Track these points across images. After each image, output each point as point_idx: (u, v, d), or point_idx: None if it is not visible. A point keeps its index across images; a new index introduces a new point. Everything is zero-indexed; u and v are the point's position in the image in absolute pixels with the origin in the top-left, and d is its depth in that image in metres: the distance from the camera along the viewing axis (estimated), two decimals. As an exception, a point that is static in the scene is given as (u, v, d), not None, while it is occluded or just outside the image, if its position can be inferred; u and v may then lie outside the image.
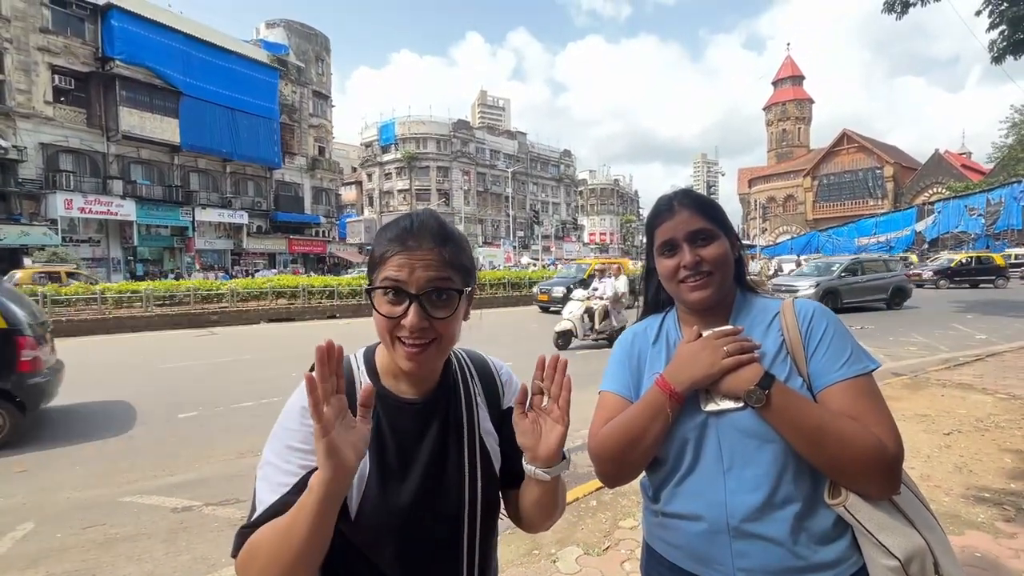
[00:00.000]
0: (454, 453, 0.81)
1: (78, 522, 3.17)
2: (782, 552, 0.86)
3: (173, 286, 15.08)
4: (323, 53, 40.73)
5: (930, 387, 5.59)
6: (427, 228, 0.76)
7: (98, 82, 26.57)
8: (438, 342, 0.76)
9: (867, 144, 56.03)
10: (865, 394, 0.86)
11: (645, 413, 0.92)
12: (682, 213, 0.98)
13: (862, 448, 0.80)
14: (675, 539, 0.96)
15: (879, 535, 0.82)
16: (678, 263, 0.96)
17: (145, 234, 28.43)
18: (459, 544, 0.80)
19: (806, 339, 0.91)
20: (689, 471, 0.94)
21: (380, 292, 0.75)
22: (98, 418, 5.35)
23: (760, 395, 0.84)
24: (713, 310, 0.99)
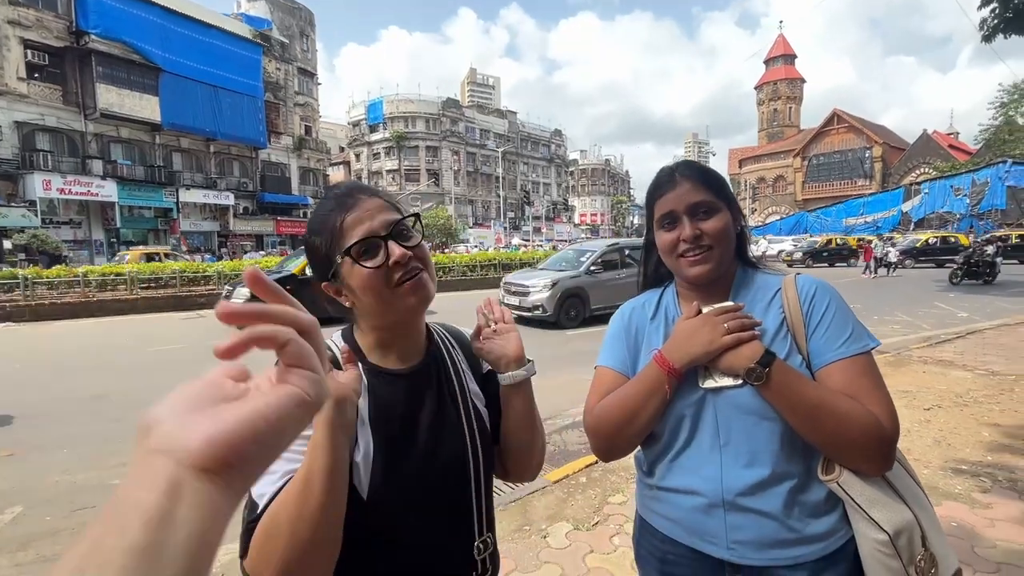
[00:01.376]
0: (452, 416, 0.84)
1: (68, 505, 3.16)
2: (775, 525, 0.87)
3: (158, 268, 14.83)
4: (308, 28, 39.59)
5: (912, 364, 5.71)
6: (355, 186, 0.82)
7: (73, 58, 25.62)
8: (425, 267, 0.80)
9: (857, 124, 56.07)
10: (864, 373, 0.86)
11: (643, 389, 0.93)
12: (683, 185, 0.96)
13: (859, 427, 0.81)
14: (669, 512, 0.97)
15: (870, 510, 0.83)
16: (678, 236, 0.95)
17: (128, 216, 27.83)
18: (470, 503, 0.83)
19: (807, 317, 0.91)
20: (685, 446, 0.94)
21: (357, 252, 0.76)
22: (85, 402, 5.30)
23: (760, 373, 0.84)
24: (713, 285, 0.97)
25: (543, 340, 8.14)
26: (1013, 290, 13.45)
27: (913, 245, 24.38)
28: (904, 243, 25.11)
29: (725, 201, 0.96)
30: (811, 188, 58.43)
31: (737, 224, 0.98)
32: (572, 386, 5.04)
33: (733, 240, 0.97)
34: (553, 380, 5.69)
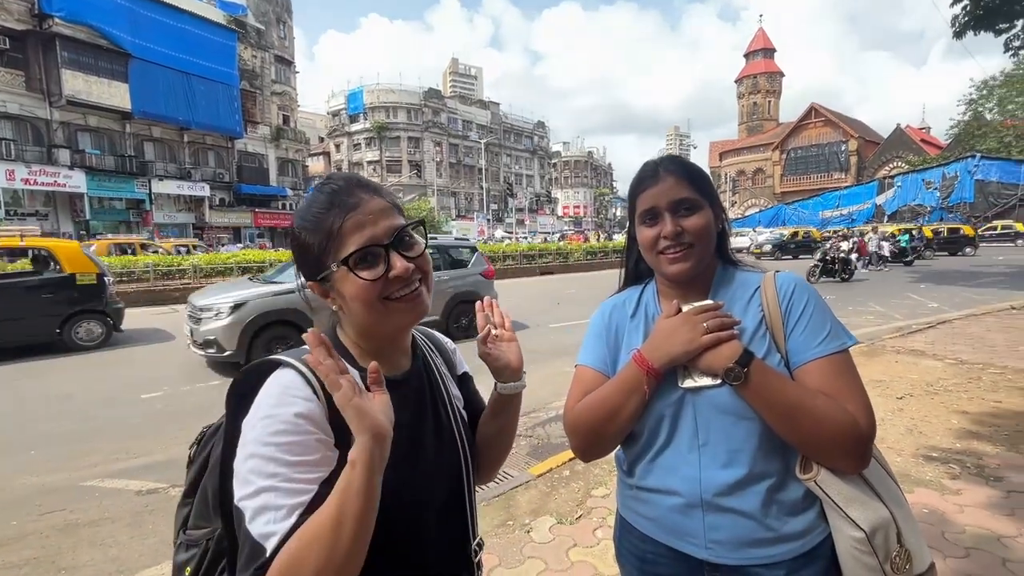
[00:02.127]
0: (445, 421, 0.83)
1: (36, 508, 3.05)
2: (753, 524, 0.88)
3: (130, 261, 14.40)
4: (284, 15, 38.57)
5: (885, 354, 5.87)
6: (355, 182, 0.74)
7: (36, 42, 24.52)
8: (425, 280, 0.76)
9: (833, 118, 57.15)
10: (841, 372, 0.86)
11: (622, 389, 0.92)
12: (667, 180, 0.94)
13: (836, 426, 0.81)
14: (649, 512, 0.97)
15: (847, 508, 0.84)
16: (658, 233, 0.93)
17: (98, 207, 26.91)
18: (464, 507, 0.83)
19: (786, 315, 0.90)
20: (664, 446, 0.94)
21: (354, 262, 0.70)
22: (53, 401, 5.13)
23: (739, 373, 0.84)
24: (692, 283, 0.97)
25: (527, 332, 8.14)
26: (979, 281, 13.92)
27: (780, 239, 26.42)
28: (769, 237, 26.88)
29: (708, 198, 0.95)
30: (789, 181, 59.48)
31: (719, 222, 0.97)
32: (554, 379, 5.05)
33: (714, 238, 0.96)
34: (535, 373, 5.69)
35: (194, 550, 0.75)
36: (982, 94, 40.13)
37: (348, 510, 0.58)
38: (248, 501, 0.61)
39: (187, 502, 0.79)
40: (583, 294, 13.36)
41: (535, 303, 11.97)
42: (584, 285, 15.41)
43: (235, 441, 0.65)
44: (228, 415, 0.69)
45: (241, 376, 0.69)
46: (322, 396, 0.66)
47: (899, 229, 22.59)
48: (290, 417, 0.64)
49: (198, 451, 0.82)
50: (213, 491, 0.72)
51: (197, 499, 0.77)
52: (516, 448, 3.71)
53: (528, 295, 13.69)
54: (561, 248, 24.73)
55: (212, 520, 0.73)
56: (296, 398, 0.65)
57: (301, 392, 0.66)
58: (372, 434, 0.59)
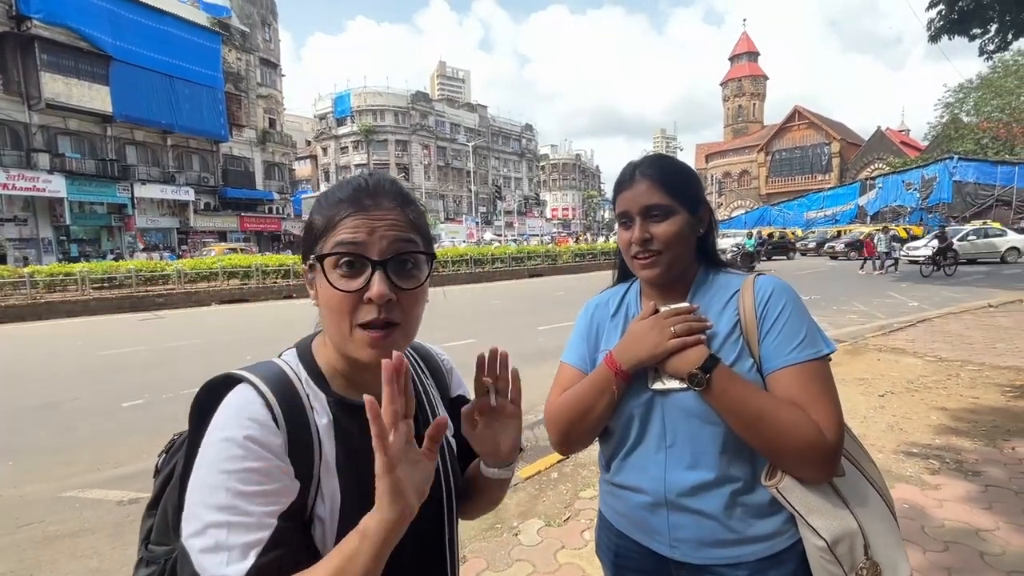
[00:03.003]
0: None
1: (12, 521, 2.98)
2: (715, 526, 0.89)
3: (112, 267, 14.14)
4: (269, 17, 38.26)
5: (868, 352, 5.97)
6: (385, 186, 0.66)
7: (14, 44, 24.02)
8: (403, 327, 0.64)
9: (816, 121, 58.08)
10: (813, 380, 0.85)
11: (593, 388, 0.94)
12: (640, 185, 0.94)
13: (798, 437, 0.81)
14: (622, 508, 1.00)
15: (808, 517, 0.83)
16: (630, 237, 0.94)
17: (78, 212, 26.36)
18: (443, 538, 0.76)
19: (760, 319, 0.89)
20: (635, 445, 0.96)
21: (332, 262, 0.61)
22: (33, 411, 5.02)
23: (701, 378, 0.85)
24: (672, 285, 0.97)
25: (516, 336, 8.14)
26: (957, 280, 14.23)
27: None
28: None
29: (686, 201, 0.93)
30: (774, 183, 60.28)
31: (702, 225, 0.97)
32: (543, 381, 5.04)
33: (689, 243, 0.95)
34: (525, 374, 5.69)
35: (153, 567, 0.69)
36: (958, 97, 41.10)
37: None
38: (196, 539, 0.54)
39: (151, 514, 0.73)
40: (571, 296, 13.39)
41: (524, 305, 11.99)
42: (572, 287, 15.47)
43: (193, 460, 0.60)
44: (190, 433, 0.65)
45: (203, 391, 0.64)
46: (282, 423, 0.60)
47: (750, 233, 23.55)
48: (242, 441, 0.57)
49: (165, 460, 0.76)
50: (173, 508, 0.66)
51: (159, 514, 0.71)
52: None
53: (517, 297, 13.71)
54: (550, 250, 24.80)
55: (171, 539, 0.67)
56: (249, 420, 0.58)
57: (257, 413, 0.59)
58: (400, 515, 0.53)
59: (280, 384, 0.63)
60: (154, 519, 0.72)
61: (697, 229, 0.96)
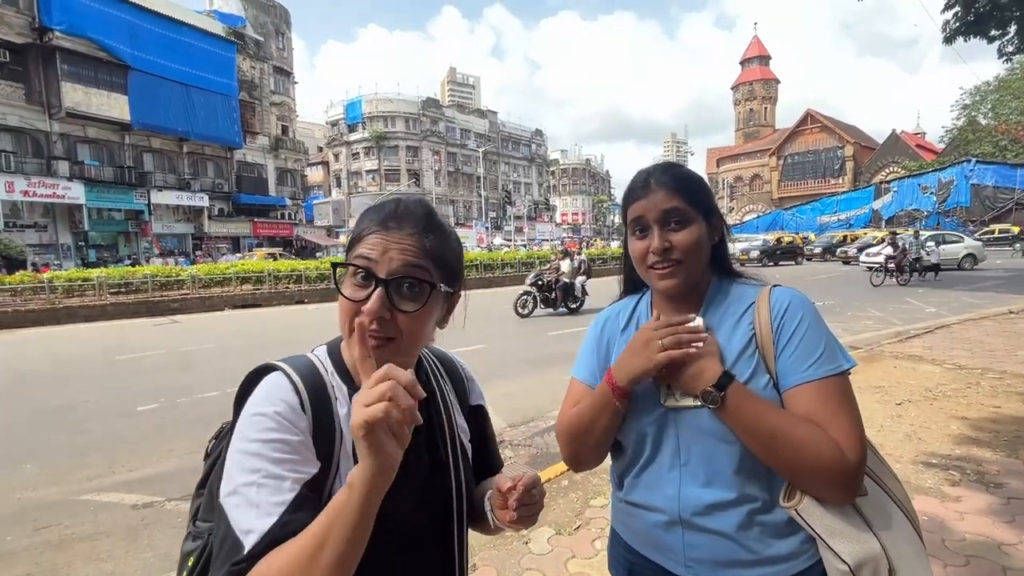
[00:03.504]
0: (441, 452, 0.79)
1: (30, 523, 3.02)
2: (732, 546, 0.86)
3: (129, 272, 14.40)
4: (283, 26, 38.88)
5: (884, 359, 5.86)
6: (411, 212, 0.71)
7: (37, 55, 24.66)
8: (396, 342, 0.68)
9: (829, 124, 57.53)
10: (832, 397, 0.82)
11: (595, 405, 0.93)
12: (657, 193, 0.91)
13: (817, 457, 0.78)
14: (635, 526, 0.98)
15: (829, 540, 0.80)
16: (647, 246, 0.91)
17: (96, 218, 26.92)
18: (452, 543, 0.79)
19: (776, 334, 0.86)
20: (647, 463, 0.94)
21: (350, 271, 0.69)
22: (51, 413, 5.10)
23: (715, 396, 0.82)
24: (685, 297, 0.94)
25: (526, 342, 8.13)
26: (976, 285, 13.95)
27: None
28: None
29: (701, 210, 0.91)
30: (787, 187, 59.74)
31: (715, 233, 0.95)
32: (554, 387, 5.04)
33: (706, 252, 0.93)
34: (535, 381, 5.68)
35: (199, 541, 0.76)
36: (975, 99, 40.47)
37: (336, 534, 0.56)
38: (230, 498, 0.61)
39: (200, 493, 0.80)
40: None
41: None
42: (583, 292, 15.38)
43: None
44: (233, 418, 0.72)
45: (244, 381, 0.72)
46: (308, 406, 0.67)
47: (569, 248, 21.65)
48: (273, 415, 0.64)
49: (215, 446, 0.83)
50: (217, 487, 0.72)
51: (206, 493, 0.78)
52: (515, 457, 3.69)
53: (527, 303, 13.67)
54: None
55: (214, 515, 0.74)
56: (281, 400, 0.66)
57: (287, 396, 0.66)
58: (384, 463, 0.56)
59: (309, 374, 0.70)
60: (202, 498, 0.79)
61: (712, 237, 0.94)
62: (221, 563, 0.59)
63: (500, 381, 5.63)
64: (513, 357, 6.84)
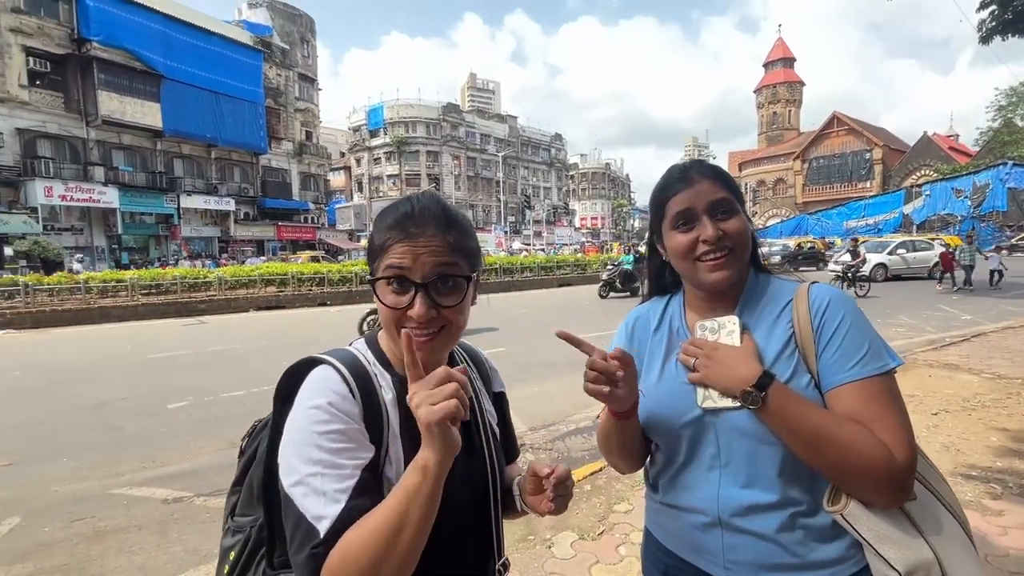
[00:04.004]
0: (474, 435, 0.83)
1: (66, 515, 3.12)
2: (774, 548, 0.84)
3: (159, 274, 14.82)
4: (308, 35, 39.78)
5: (917, 368, 5.67)
6: (429, 212, 0.73)
7: (75, 65, 25.72)
8: (447, 329, 0.74)
9: (856, 127, 56.17)
10: (878, 397, 0.79)
11: (606, 421, 0.94)
12: (701, 183, 0.89)
13: (863, 458, 0.75)
14: (672, 527, 0.96)
15: (879, 547, 0.77)
16: (696, 237, 0.87)
17: (129, 222, 27.86)
18: (490, 523, 0.83)
19: (817, 333, 0.83)
20: (685, 465, 0.92)
21: (384, 282, 0.72)
22: (85, 410, 5.27)
23: (756, 397, 0.79)
24: (722, 294, 0.92)
25: (546, 345, 8.10)
26: (1016, 292, 13.40)
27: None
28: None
29: (741, 203, 0.91)
30: (811, 191, 58.46)
31: (751, 228, 0.94)
32: (574, 392, 4.99)
33: (751, 244, 0.91)
34: (556, 385, 5.66)
35: (239, 536, 0.79)
36: (1012, 100, 39.06)
37: (413, 514, 0.60)
38: (296, 488, 0.64)
39: (236, 490, 0.83)
40: (600, 306, 13.27)
41: (554, 314, 11.94)
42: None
43: (279, 437, 0.69)
44: (273, 413, 0.74)
45: (285, 376, 0.74)
46: (357, 394, 0.71)
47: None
48: (327, 407, 0.67)
49: (248, 443, 0.86)
50: (258, 482, 0.77)
51: (244, 488, 0.81)
52: (536, 461, 3.67)
53: (547, 306, 13.67)
54: (579, 260, 24.66)
55: (256, 509, 0.78)
56: (332, 392, 0.69)
57: (337, 387, 0.70)
58: (447, 447, 0.61)
59: (354, 365, 0.74)
60: (239, 495, 0.83)
61: (751, 232, 0.93)
62: (298, 547, 0.63)
63: (521, 384, 5.62)
64: (534, 360, 6.82)
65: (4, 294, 12.02)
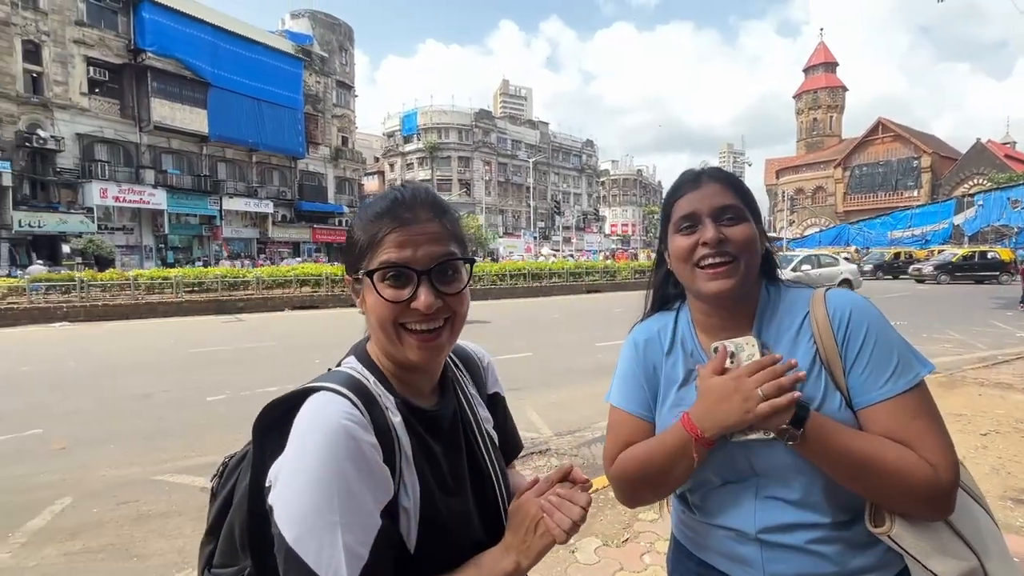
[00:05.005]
0: (479, 451, 0.78)
1: (113, 498, 3.29)
2: (815, 560, 0.82)
3: (202, 273, 15.49)
4: (347, 43, 40.97)
5: (966, 386, 5.38)
6: (420, 199, 0.69)
7: (130, 74, 27.27)
8: (451, 322, 0.69)
9: (903, 133, 53.88)
10: (915, 413, 0.75)
11: (669, 453, 0.82)
12: (710, 186, 0.85)
13: (910, 481, 0.72)
14: (704, 539, 0.92)
15: (927, 562, 0.75)
16: (696, 241, 0.82)
17: (175, 222, 29.24)
18: (501, 524, 0.76)
19: (843, 349, 0.79)
20: (718, 487, 0.89)
21: (381, 275, 0.65)
22: (131, 400, 5.55)
23: (793, 434, 0.74)
24: (735, 308, 0.86)
25: (573, 351, 8.06)
26: (1079, 309, 12.54)
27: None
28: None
29: (753, 213, 0.86)
30: (853, 199, 56.34)
31: (763, 242, 0.88)
32: (598, 399, 4.94)
33: (759, 256, 0.86)
34: (582, 391, 5.62)
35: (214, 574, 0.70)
36: (1077, 105, 36.75)
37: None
38: (305, 540, 0.54)
39: (210, 540, 0.72)
40: (629, 314, 13.06)
41: (582, 321, 11.87)
42: (632, 304, 15.07)
43: (262, 476, 0.60)
44: (254, 449, 0.64)
45: (268, 409, 0.64)
46: (368, 420, 0.62)
47: None
48: (340, 441, 0.57)
49: (220, 485, 0.74)
50: (241, 528, 0.65)
51: (222, 537, 0.70)
52: (560, 466, 3.65)
53: (575, 313, 13.60)
54: (608, 266, 24.46)
55: (239, 559, 0.67)
56: (343, 422, 0.59)
57: (349, 414, 0.60)
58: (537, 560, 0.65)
59: (357, 387, 0.65)
60: (215, 543, 0.71)
61: (763, 245, 0.88)
62: None
63: (547, 390, 5.61)
64: (560, 366, 6.80)
65: (62, 289, 12.79)
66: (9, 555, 2.67)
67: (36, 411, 5.08)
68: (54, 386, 6.07)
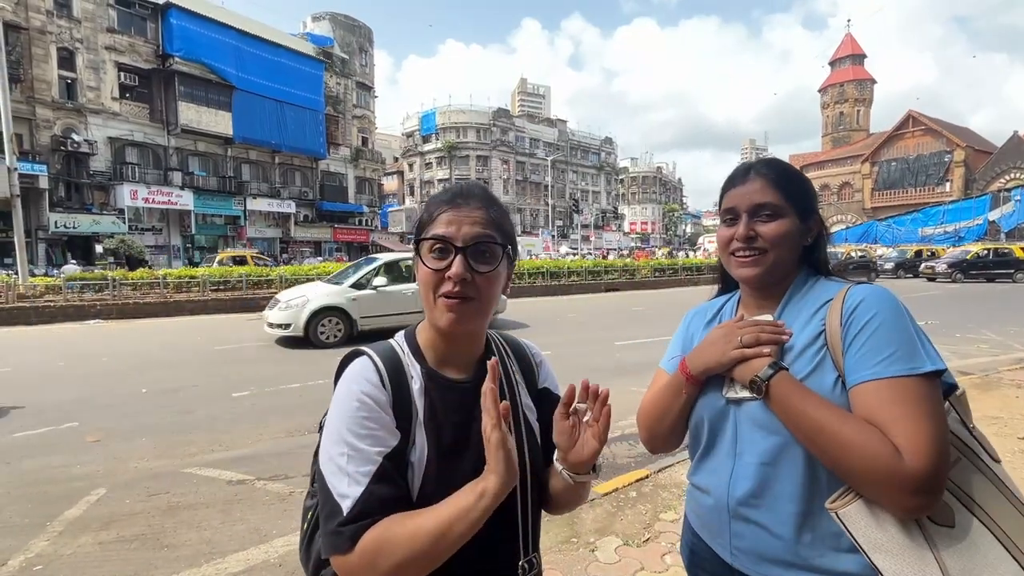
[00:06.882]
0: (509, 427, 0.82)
1: (144, 490, 3.40)
2: (778, 544, 0.84)
3: (227, 272, 15.84)
4: (366, 45, 41.43)
5: (1002, 387, 5.19)
6: (475, 190, 0.82)
7: (159, 78, 28.06)
8: (477, 301, 0.77)
9: (935, 126, 52.05)
10: (899, 400, 0.73)
11: (668, 391, 0.97)
12: (754, 183, 0.92)
13: (865, 458, 0.71)
14: (695, 508, 1.01)
15: (872, 554, 0.72)
16: (732, 234, 0.93)
17: (201, 223, 30.01)
18: (515, 520, 0.81)
19: (845, 328, 0.82)
20: (707, 450, 0.97)
21: (427, 246, 0.78)
22: (161, 395, 5.72)
23: (760, 386, 0.82)
24: (769, 291, 0.94)
25: (592, 350, 8.02)
26: (1125, 308, 11.97)
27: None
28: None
29: (797, 208, 0.91)
30: (881, 195, 54.70)
31: (810, 235, 0.93)
32: (620, 397, 4.91)
33: (794, 250, 0.92)
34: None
35: (314, 500, 0.84)
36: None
37: (456, 529, 0.66)
38: (326, 464, 0.72)
39: (314, 461, 0.86)
40: (649, 313, 12.97)
41: (601, 319, 11.79)
42: (651, 303, 14.97)
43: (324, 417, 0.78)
44: None
45: (340, 365, 0.82)
46: (388, 384, 0.77)
47: None
48: (358, 395, 0.74)
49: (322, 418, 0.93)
50: None
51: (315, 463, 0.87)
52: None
53: (594, 312, 13.52)
54: (628, 265, 24.24)
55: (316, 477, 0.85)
56: (365, 381, 0.76)
57: (370, 377, 0.77)
58: (510, 479, 0.67)
59: (389, 356, 0.81)
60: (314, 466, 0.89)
61: (805, 238, 0.93)
62: (325, 520, 0.70)
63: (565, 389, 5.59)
64: (579, 365, 6.77)
65: (95, 287, 13.23)
66: (48, 543, 2.78)
67: (72, 405, 5.27)
68: (88, 381, 6.30)
